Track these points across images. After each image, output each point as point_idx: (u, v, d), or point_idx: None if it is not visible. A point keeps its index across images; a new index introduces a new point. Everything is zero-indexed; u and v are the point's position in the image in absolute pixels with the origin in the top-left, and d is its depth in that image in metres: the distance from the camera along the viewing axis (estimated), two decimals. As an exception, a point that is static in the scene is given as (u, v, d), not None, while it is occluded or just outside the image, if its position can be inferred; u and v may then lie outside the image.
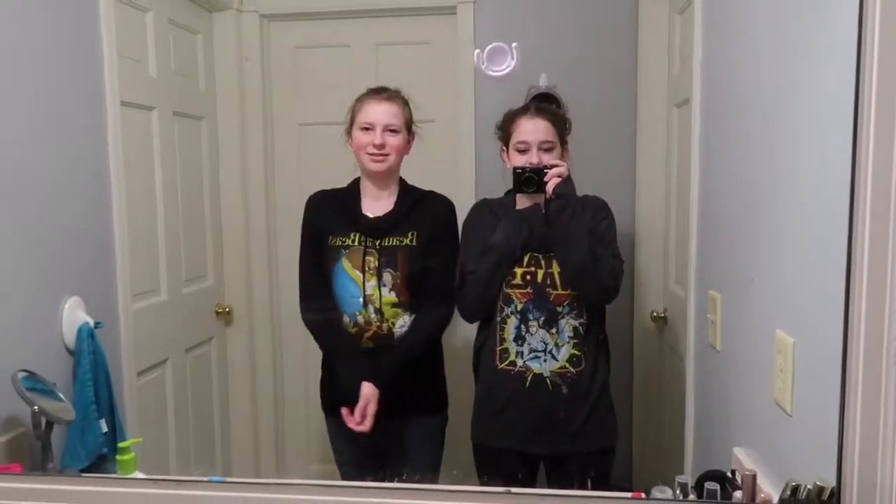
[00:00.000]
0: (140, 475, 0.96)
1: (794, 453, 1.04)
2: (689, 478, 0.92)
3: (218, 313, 2.31)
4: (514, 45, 1.09)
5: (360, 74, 2.25)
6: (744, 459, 1.19)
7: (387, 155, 1.68)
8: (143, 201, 1.90)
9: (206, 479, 0.84)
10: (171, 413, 2.01)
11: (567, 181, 1.59)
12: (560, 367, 1.63)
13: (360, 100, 1.71)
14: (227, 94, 2.30)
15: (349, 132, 1.72)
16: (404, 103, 1.73)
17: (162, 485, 0.79)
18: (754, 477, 0.95)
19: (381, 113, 1.67)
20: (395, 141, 1.68)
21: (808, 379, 0.99)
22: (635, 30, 2.21)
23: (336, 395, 1.76)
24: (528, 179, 1.59)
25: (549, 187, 1.57)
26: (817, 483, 0.82)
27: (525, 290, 1.64)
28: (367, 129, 1.67)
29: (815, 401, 0.96)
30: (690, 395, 1.67)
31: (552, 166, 1.59)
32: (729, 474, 1.13)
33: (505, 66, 1.11)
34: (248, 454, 2.40)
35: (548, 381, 1.63)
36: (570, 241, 1.58)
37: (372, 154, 1.67)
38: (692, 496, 0.91)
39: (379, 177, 1.71)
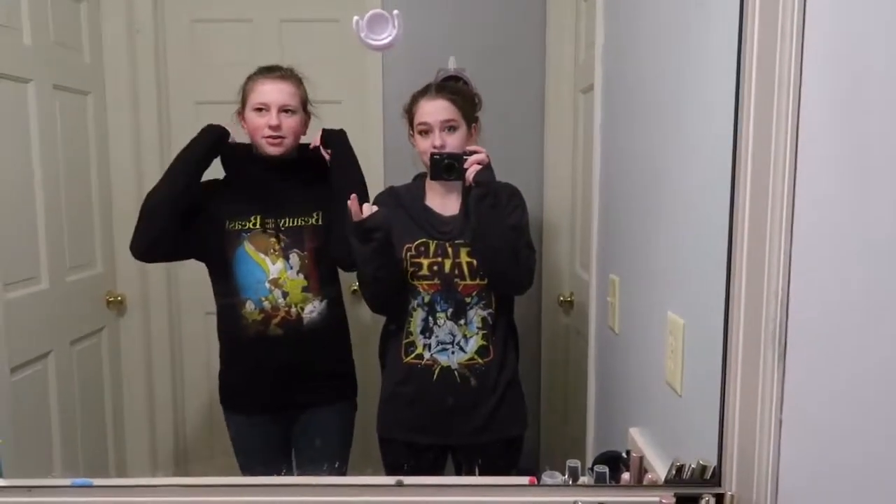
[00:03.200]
0: (-1, 481, 0.87)
1: (683, 432, 1.06)
2: (578, 462, 0.93)
3: (109, 302, 2.18)
4: (395, 13, 1.04)
5: (263, 52, 2.15)
6: (638, 439, 1.22)
7: (283, 137, 1.60)
8: (18, 182, 1.75)
9: (67, 483, 0.77)
10: (54, 411, 1.87)
11: (487, 168, 1.54)
12: (468, 359, 1.61)
13: (253, 79, 1.63)
14: (116, 68, 2.15)
15: (241, 113, 1.64)
16: (299, 82, 1.65)
17: (9, 492, 0.71)
18: (641, 459, 0.97)
19: (275, 92, 1.60)
20: (291, 122, 1.61)
21: (696, 360, 1.01)
22: (544, 15, 2.22)
23: (239, 391, 1.70)
24: (449, 167, 1.54)
25: (469, 175, 1.53)
26: (700, 462, 0.84)
27: (432, 282, 1.60)
28: (260, 109, 1.60)
29: (702, 381, 0.98)
30: (592, 378, 1.70)
31: (472, 153, 1.56)
32: (624, 455, 1.15)
33: (386, 35, 1.07)
34: (145, 452, 2.29)
35: (456, 373, 1.61)
36: (489, 232, 1.55)
37: (268, 137, 1.59)
38: (584, 479, 0.91)
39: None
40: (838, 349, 0.69)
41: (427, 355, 1.61)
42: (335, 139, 1.66)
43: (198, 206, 1.63)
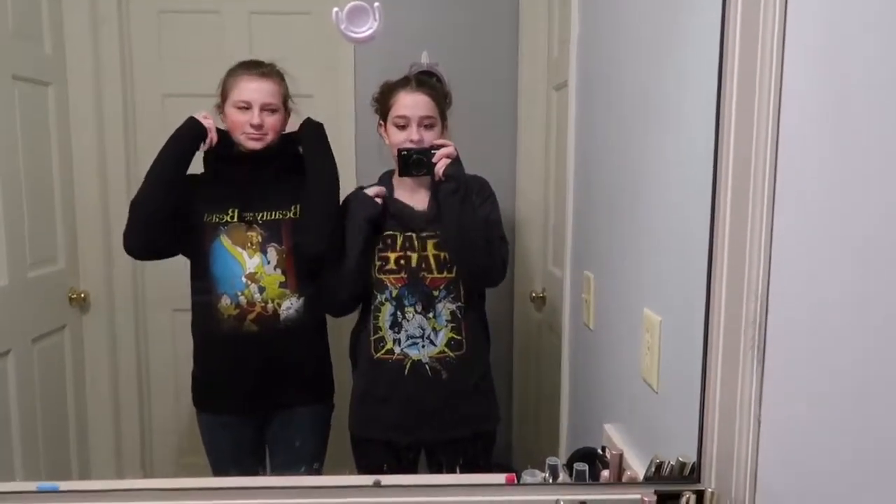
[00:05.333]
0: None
1: (660, 429, 1.07)
2: (558, 460, 0.92)
3: (72, 299, 2.11)
4: (376, 4, 1.03)
5: (231, 44, 2.11)
6: (614, 436, 1.22)
7: (265, 135, 1.59)
8: (-25, 175, 1.69)
9: (32, 487, 0.74)
10: (14, 412, 1.81)
11: (456, 162, 1.55)
12: (439, 353, 1.60)
13: (234, 75, 1.61)
14: (79, 59, 2.08)
15: (221, 107, 1.62)
16: (281, 79, 1.64)
17: (-29, 501, 0.68)
18: (620, 456, 0.97)
19: (258, 91, 1.58)
20: (272, 120, 1.60)
21: (673, 357, 1.02)
22: (517, 9, 2.21)
23: (212, 390, 1.67)
24: (417, 162, 1.54)
25: (439, 169, 1.53)
26: (679, 459, 0.84)
27: (399, 276, 1.60)
28: (243, 107, 1.58)
29: (679, 378, 0.99)
30: (565, 374, 1.70)
31: (440, 146, 1.55)
32: (600, 451, 1.16)
33: (367, 28, 1.05)
34: (110, 454, 2.23)
35: (427, 367, 1.60)
36: (461, 225, 1.54)
37: (249, 134, 1.58)
38: (562, 476, 0.91)
39: None
40: (817, 347, 0.70)
41: (397, 350, 1.60)
42: (310, 132, 1.63)
43: (184, 201, 1.60)
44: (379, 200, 1.60)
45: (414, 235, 1.60)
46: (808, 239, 0.70)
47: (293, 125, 1.67)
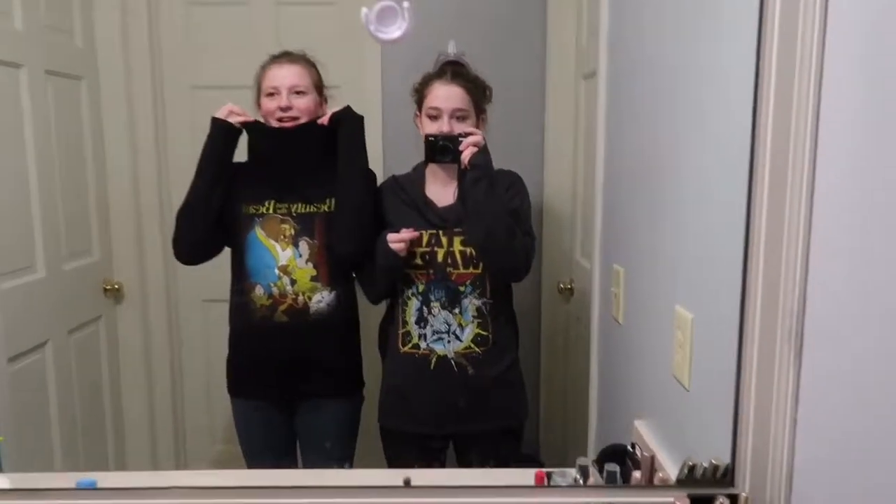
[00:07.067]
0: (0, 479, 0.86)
1: (691, 427, 1.05)
2: (588, 460, 0.92)
3: (106, 290, 2.15)
4: (405, 4, 1.02)
5: (259, 35, 2.12)
6: (644, 432, 1.21)
7: (295, 118, 1.60)
8: (11, 169, 1.71)
9: (71, 485, 0.75)
10: (53, 400, 1.85)
11: (483, 151, 1.53)
12: (465, 348, 1.60)
13: (263, 67, 1.64)
14: (109, 52, 2.11)
15: (258, 102, 1.64)
16: (310, 65, 1.65)
17: (13, 495, 0.70)
18: (652, 459, 0.96)
19: (284, 76, 1.61)
20: (302, 103, 1.60)
21: (705, 355, 1.00)
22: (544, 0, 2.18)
23: (244, 376, 1.69)
24: (443, 148, 1.53)
25: (465, 157, 1.52)
26: (713, 461, 0.83)
27: (425, 271, 1.59)
28: (272, 94, 1.60)
29: (711, 376, 0.97)
30: (594, 368, 1.69)
31: (467, 134, 1.54)
32: (629, 447, 1.14)
33: (395, 28, 1.04)
34: (145, 441, 2.28)
35: (453, 362, 1.60)
36: (483, 215, 1.53)
37: (280, 119, 1.60)
38: (593, 478, 0.91)
39: None
40: (856, 346, 0.68)
41: (423, 345, 1.61)
42: (349, 123, 1.62)
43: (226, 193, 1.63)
44: (402, 248, 1.56)
45: (440, 231, 1.59)
46: (848, 231, 0.68)
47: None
